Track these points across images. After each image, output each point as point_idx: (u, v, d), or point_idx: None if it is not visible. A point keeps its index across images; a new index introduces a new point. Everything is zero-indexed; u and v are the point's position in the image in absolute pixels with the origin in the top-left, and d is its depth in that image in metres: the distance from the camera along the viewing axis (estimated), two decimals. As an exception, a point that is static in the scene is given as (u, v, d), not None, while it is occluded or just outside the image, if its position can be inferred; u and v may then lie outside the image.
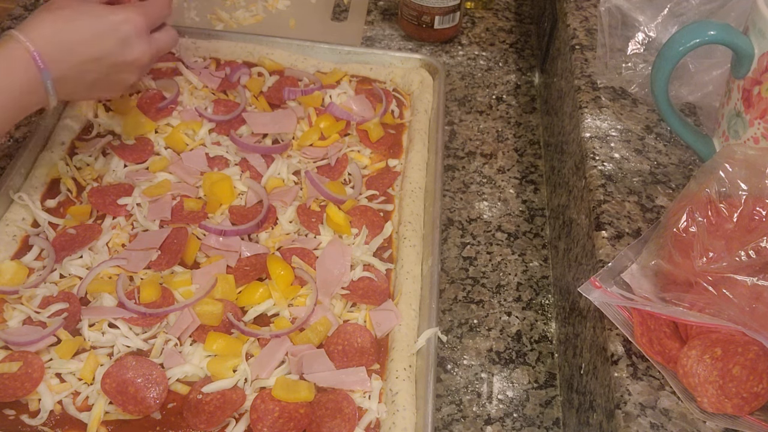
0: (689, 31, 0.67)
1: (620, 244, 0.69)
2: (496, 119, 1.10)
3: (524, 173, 1.02)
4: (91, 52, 0.77)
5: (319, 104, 1.01)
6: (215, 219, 0.86)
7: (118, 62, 0.80)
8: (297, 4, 1.26)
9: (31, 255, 0.81)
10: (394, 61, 1.09)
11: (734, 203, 0.61)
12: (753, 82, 0.66)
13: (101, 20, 0.78)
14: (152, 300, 0.77)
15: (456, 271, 0.89)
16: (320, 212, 0.87)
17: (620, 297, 0.63)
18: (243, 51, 1.08)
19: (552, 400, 0.78)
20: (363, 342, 0.75)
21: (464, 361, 0.81)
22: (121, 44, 0.79)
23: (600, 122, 0.82)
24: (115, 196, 0.87)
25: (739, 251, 0.58)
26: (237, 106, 1.00)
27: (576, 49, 0.92)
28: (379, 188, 0.92)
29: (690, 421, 0.57)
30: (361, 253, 0.84)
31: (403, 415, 0.69)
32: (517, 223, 0.96)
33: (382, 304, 0.79)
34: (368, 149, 0.97)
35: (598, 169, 0.77)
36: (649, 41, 0.89)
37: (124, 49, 0.80)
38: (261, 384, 0.72)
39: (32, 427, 0.68)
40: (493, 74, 1.17)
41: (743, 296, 0.57)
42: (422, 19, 1.17)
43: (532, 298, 0.87)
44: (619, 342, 0.62)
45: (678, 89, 0.85)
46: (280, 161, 0.93)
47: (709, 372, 0.57)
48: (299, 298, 0.79)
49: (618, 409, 0.58)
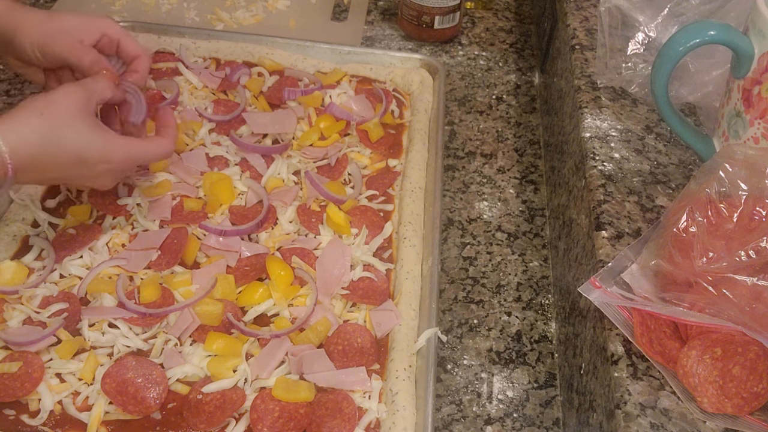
0: (689, 31, 0.67)
1: (620, 244, 0.69)
2: (496, 119, 1.10)
3: (524, 173, 1.02)
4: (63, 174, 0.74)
5: (319, 104, 1.01)
6: (215, 219, 0.86)
7: (86, 184, 0.79)
8: (297, 4, 1.26)
9: (31, 255, 0.81)
10: (394, 61, 1.09)
11: (734, 203, 0.61)
12: (753, 82, 0.66)
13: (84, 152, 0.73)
14: (152, 300, 0.77)
15: (456, 271, 0.89)
16: (320, 212, 0.87)
17: (620, 297, 0.63)
18: (243, 51, 1.08)
19: (552, 400, 0.78)
20: (363, 342, 0.75)
21: (464, 361, 0.81)
22: (94, 177, 0.76)
23: (600, 122, 0.82)
24: (115, 196, 0.87)
25: (739, 251, 0.58)
26: (237, 106, 1.00)
27: (576, 49, 0.92)
28: (379, 188, 0.92)
29: (690, 421, 0.57)
30: (361, 253, 0.84)
31: (403, 415, 0.69)
32: (517, 223, 0.96)
33: (382, 304, 0.79)
34: (368, 149, 0.97)
35: (598, 169, 0.77)
36: (649, 41, 0.89)
37: (96, 180, 0.77)
38: (261, 384, 0.72)
39: (32, 427, 0.68)
40: (493, 74, 1.17)
41: (743, 296, 0.57)
42: (422, 19, 1.17)
43: (532, 298, 0.87)
44: (619, 342, 0.62)
45: (678, 89, 0.84)
46: (280, 161, 0.93)
47: (709, 372, 0.57)
48: (299, 298, 0.79)
49: (618, 409, 0.58)
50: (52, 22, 0.82)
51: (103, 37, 0.84)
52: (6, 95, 1.06)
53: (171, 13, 1.22)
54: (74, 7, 1.21)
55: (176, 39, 1.08)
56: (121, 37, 0.85)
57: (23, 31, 0.80)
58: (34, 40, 0.81)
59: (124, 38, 0.85)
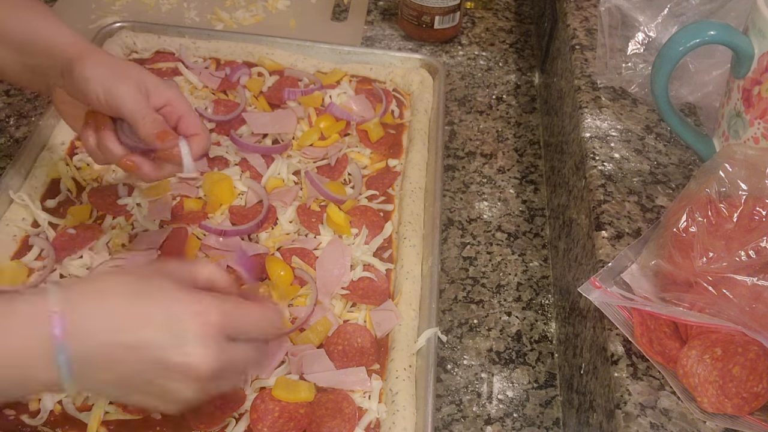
0: (689, 31, 0.67)
1: (620, 244, 0.69)
2: (496, 119, 1.10)
3: (524, 173, 1.02)
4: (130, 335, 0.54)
5: (319, 104, 1.01)
6: (215, 219, 0.86)
7: (164, 361, 0.54)
8: (297, 4, 1.26)
9: (31, 255, 0.81)
10: (394, 61, 1.09)
11: (734, 203, 0.61)
12: (753, 82, 0.66)
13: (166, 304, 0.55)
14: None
15: (456, 271, 0.89)
16: (320, 212, 0.87)
17: (620, 297, 0.63)
18: (243, 51, 1.08)
19: (552, 400, 0.78)
20: (363, 342, 0.75)
21: (464, 361, 0.81)
22: (174, 337, 0.54)
23: (600, 122, 0.82)
24: (115, 196, 0.87)
25: (739, 251, 0.58)
26: (237, 106, 1.00)
27: (576, 49, 0.92)
28: (379, 188, 0.92)
29: (690, 421, 0.57)
30: (361, 253, 0.84)
31: (403, 415, 0.69)
32: (517, 223, 0.96)
33: (382, 304, 0.79)
34: (368, 149, 0.97)
35: (598, 169, 0.77)
36: (649, 41, 0.89)
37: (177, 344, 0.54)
38: (261, 384, 0.72)
39: (32, 427, 0.68)
40: (493, 74, 1.17)
41: (743, 296, 0.57)
42: (422, 19, 1.17)
43: (532, 298, 0.87)
44: (619, 342, 0.62)
45: (678, 89, 0.84)
46: (280, 161, 0.93)
47: (709, 372, 0.57)
48: (299, 298, 0.79)
49: (618, 409, 0.58)
50: (121, 65, 0.73)
51: (167, 106, 0.73)
52: (6, 95, 1.06)
53: (171, 13, 1.22)
54: (74, 7, 1.21)
55: (176, 39, 1.09)
56: (184, 113, 0.74)
57: (89, 62, 0.70)
58: (100, 73, 0.70)
59: (188, 114, 0.74)
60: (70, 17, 1.17)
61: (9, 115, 1.03)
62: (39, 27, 0.74)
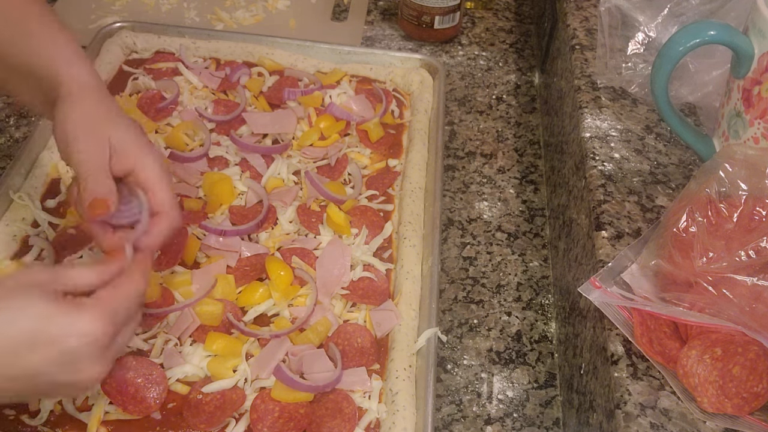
0: (689, 31, 0.67)
1: (620, 244, 0.69)
2: (496, 119, 1.10)
3: (524, 173, 1.02)
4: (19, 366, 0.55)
5: (319, 104, 1.01)
6: (215, 219, 0.86)
7: (59, 382, 0.57)
8: (297, 4, 1.26)
9: (31, 255, 0.81)
10: (394, 61, 1.09)
11: (734, 203, 0.61)
12: (753, 82, 0.66)
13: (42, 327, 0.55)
14: (152, 300, 0.77)
15: (456, 271, 0.89)
16: (320, 212, 0.87)
17: (620, 297, 0.63)
18: (243, 51, 1.08)
19: (552, 400, 0.78)
20: (363, 342, 0.75)
21: (464, 361, 0.81)
22: (63, 364, 0.56)
23: (600, 122, 0.82)
24: (115, 196, 0.87)
25: (739, 251, 0.58)
26: (237, 106, 1.00)
27: (576, 49, 0.92)
28: (379, 188, 0.92)
29: (690, 421, 0.57)
30: (361, 253, 0.84)
31: (403, 415, 0.69)
32: (517, 223, 0.96)
33: (382, 304, 0.79)
34: (368, 149, 0.97)
35: (598, 169, 0.77)
36: (649, 41, 0.89)
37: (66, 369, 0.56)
38: (261, 384, 0.72)
39: (32, 427, 0.68)
40: (493, 74, 1.17)
41: (743, 296, 0.57)
42: (422, 19, 1.17)
43: (532, 298, 0.87)
44: (619, 342, 0.62)
45: (678, 89, 0.84)
46: (280, 161, 0.93)
47: (709, 372, 0.57)
48: (299, 298, 0.79)
49: (618, 409, 0.58)
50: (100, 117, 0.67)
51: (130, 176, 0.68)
52: (6, 95, 1.06)
53: (171, 13, 1.22)
54: (74, 7, 1.21)
55: (176, 39, 1.08)
56: (153, 187, 0.68)
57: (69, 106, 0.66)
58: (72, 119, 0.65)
59: (157, 188, 0.68)
60: (70, 17, 1.17)
61: (9, 115, 1.03)
62: (41, 52, 0.68)
